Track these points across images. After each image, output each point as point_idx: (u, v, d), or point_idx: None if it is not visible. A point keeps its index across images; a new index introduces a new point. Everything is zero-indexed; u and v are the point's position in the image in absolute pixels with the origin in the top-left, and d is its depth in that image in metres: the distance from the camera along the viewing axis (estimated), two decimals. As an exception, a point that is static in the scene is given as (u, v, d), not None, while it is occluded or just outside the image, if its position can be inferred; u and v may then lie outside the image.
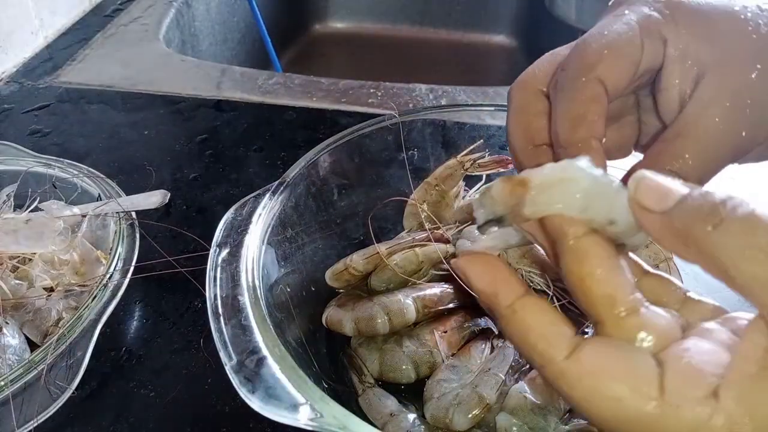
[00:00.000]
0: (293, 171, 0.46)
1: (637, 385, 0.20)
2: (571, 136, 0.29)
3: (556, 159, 0.29)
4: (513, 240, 0.26)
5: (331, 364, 0.46)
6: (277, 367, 0.32)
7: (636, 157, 0.37)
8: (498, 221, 0.24)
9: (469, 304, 0.48)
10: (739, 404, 0.19)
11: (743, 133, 0.28)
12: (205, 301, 0.36)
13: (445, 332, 0.45)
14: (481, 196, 0.25)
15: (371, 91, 0.78)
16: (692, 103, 0.29)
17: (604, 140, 0.29)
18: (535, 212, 0.23)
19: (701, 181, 0.28)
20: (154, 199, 0.54)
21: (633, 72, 0.29)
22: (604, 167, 0.28)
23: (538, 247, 0.26)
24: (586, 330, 0.42)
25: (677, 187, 0.21)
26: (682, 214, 0.21)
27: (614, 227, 0.23)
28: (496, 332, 0.46)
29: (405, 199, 0.54)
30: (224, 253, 0.39)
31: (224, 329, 0.34)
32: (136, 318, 0.51)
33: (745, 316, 0.22)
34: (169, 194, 0.55)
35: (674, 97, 0.30)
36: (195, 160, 0.68)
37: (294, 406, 0.30)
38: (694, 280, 0.43)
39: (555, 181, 0.23)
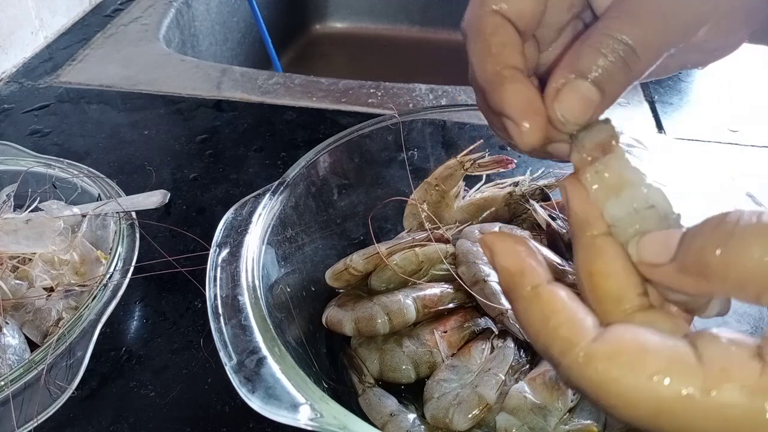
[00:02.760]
0: (293, 171, 0.46)
1: (674, 356, 0.19)
2: (483, 73, 0.26)
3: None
4: None
5: (331, 364, 0.46)
6: (277, 367, 0.32)
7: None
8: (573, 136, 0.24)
9: (469, 304, 0.48)
10: None
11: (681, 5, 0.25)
12: (205, 301, 0.36)
13: (445, 332, 0.45)
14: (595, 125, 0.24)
15: (371, 91, 0.78)
16: None
17: (524, 69, 0.26)
18: (589, 184, 0.23)
19: (647, 65, 0.25)
20: (154, 199, 0.54)
21: None
22: (530, 91, 0.25)
23: (540, 248, 0.26)
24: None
25: (673, 233, 0.21)
26: (689, 251, 0.20)
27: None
28: (496, 332, 0.46)
29: (405, 199, 0.54)
30: (224, 253, 0.39)
31: (224, 329, 0.34)
32: (136, 318, 0.51)
33: None
34: (169, 194, 0.55)
35: None
36: (195, 160, 0.68)
37: (294, 406, 0.30)
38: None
39: (627, 177, 0.22)
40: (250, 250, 0.39)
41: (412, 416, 0.41)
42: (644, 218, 0.22)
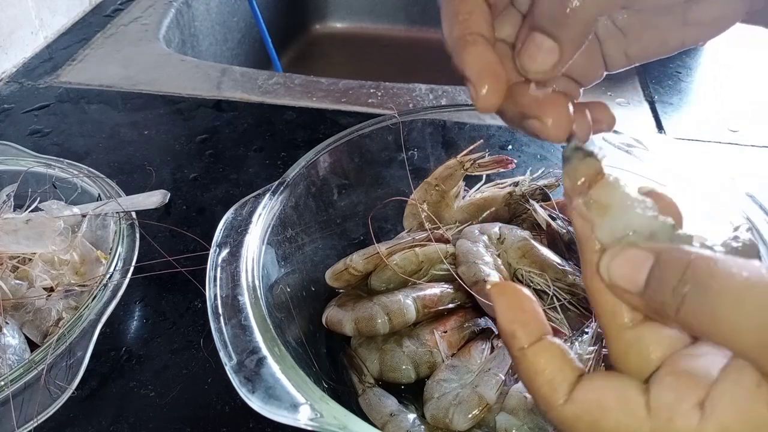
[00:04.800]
0: (293, 171, 0.46)
1: (628, 411, 0.21)
2: (449, 37, 0.28)
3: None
4: None
5: (331, 364, 0.46)
6: (277, 367, 0.32)
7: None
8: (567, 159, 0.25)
9: (469, 304, 0.48)
10: (728, 413, 0.19)
11: None
12: (205, 301, 0.36)
13: (445, 332, 0.45)
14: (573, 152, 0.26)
15: (371, 91, 0.78)
16: None
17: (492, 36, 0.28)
18: (582, 211, 0.24)
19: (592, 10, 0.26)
20: (154, 199, 0.54)
21: None
22: (489, 54, 0.27)
23: (539, 247, 0.26)
24: (586, 330, 0.42)
25: (643, 260, 0.22)
26: (652, 298, 0.21)
27: None
28: (496, 332, 0.46)
29: (405, 199, 0.54)
30: (224, 253, 0.39)
31: (224, 329, 0.34)
32: (136, 318, 0.51)
33: None
34: (169, 194, 0.55)
35: None
36: (195, 160, 0.68)
37: (294, 406, 0.30)
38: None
39: (613, 204, 0.24)
40: (250, 250, 0.39)
41: (412, 416, 0.41)
42: (631, 242, 0.23)
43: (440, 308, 0.47)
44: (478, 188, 0.56)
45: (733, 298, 0.19)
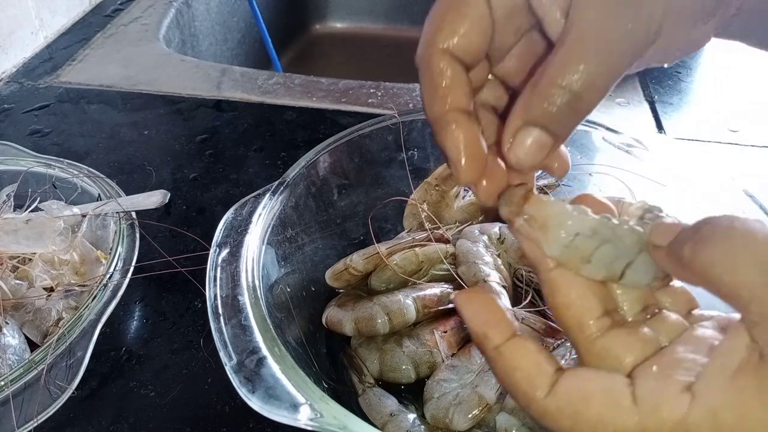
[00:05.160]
0: (293, 171, 0.46)
1: (612, 401, 0.21)
2: (430, 112, 0.28)
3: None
4: None
5: (331, 364, 0.46)
6: (277, 367, 0.32)
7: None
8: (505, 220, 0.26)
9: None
10: (717, 396, 0.20)
11: (629, 26, 0.25)
12: (205, 301, 0.36)
13: (445, 332, 0.45)
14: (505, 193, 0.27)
15: (371, 91, 0.78)
16: (572, 12, 0.26)
17: (472, 105, 0.28)
18: (525, 230, 0.25)
19: (605, 89, 0.26)
20: (154, 199, 0.54)
21: (482, 27, 0.27)
22: (478, 131, 0.27)
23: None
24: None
25: (679, 224, 0.23)
26: (675, 243, 0.22)
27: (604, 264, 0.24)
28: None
29: (405, 199, 0.54)
30: (224, 253, 0.39)
31: (224, 329, 0.34)
32: (136, 318, 0.51)
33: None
34: (169, 194, 0.55)
35: (556, 17, 0.27)
36: (195, 160, 0.68)
37: (294, 406, 0.30)
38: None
39: (548, 214, 0.25)
40: (250, 250, 0.39)
41: (412, 416, 0.41)
42: (578, 246, 0.24)
43: (440, 308, 0.47)
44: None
45: (741, 236, 0.20)
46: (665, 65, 0.29)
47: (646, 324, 0.24)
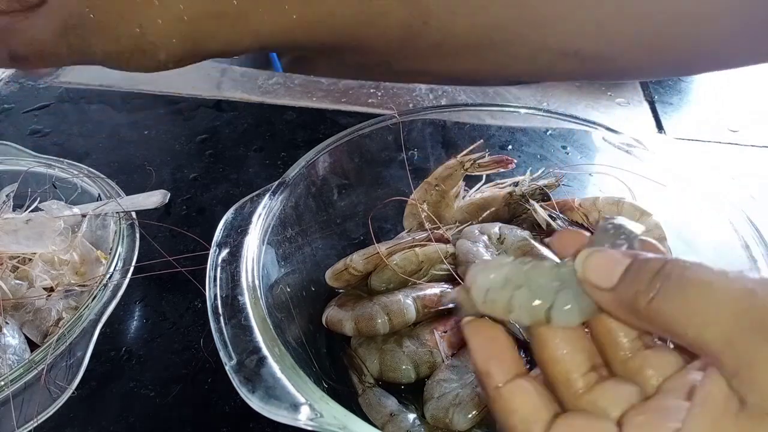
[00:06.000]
0: (293, 171, 0.46)
1: None
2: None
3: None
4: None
5: (331, 364, 0.46)
6: (277, 367, 0.32)
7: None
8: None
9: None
10: None
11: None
12: (205, 301, 0.36)
13: (445, 332, 0.45)
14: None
15: (371, 91, 0.78)
16: None
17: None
18: (488, 308, 0.26)
19: None
20: (154, 199, 0.54)
21: None
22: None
23: (539, 247, 0.27)
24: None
25: (620, 258, 0.22)
26: (625, 291, 0.22)
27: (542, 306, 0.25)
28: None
29: (405, 199, 0.54)
30: (224, 253, 0.39)
31: (224, 329, 0.34)
32: (136, 318, 0.51)
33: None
34: (169, 194, 0.55)
35: None
36: (195, 160, 0.68)
37: (294, 406, 0.30)
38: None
39: (468, 280, 0.26)
40: (250, 250, 0.39)
41: (412, 416, 0.41)
42: (494, 300, 0.25)
43: (440, 308, 0.47)
44: (478, 188, 0.56)
45: (704, 289, 0.20)
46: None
47: (632, 369, 0.24)
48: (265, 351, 0.33)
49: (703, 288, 0.20)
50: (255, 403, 0.30)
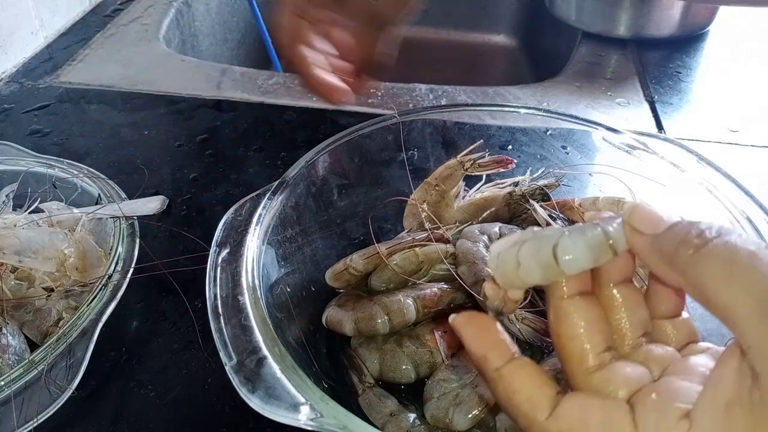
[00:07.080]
0: (293, 171, 0.46)
1: (612, 427, 0.22)
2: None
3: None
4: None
5: (331, 364, 0.46)
6: (277, 367, 0.32)
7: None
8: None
9: (469, 304, 0.48)
10: (713, 426, 0.20)
11: None
12: (205, 301, 0.36)
13: (445, 332, 0.45)
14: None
15: (371, 91, 0.78)
16: None
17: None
18: (499, 271, 0.26)
19: None
20: (152, 205, 0.54)
21: None
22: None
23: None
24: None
25: (668, 216, 0.23)
26: (669, 237, 0.22)
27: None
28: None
29: (405, 199, 0.54)
30: (224, 253, 0.39)
31: (224, 329, 0.34)
32: (136, 318, 0.51)
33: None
34: (167, 200, 0.55)
35: None
36: (195, 160, 0.68)
37: (294, 406, 0.30)
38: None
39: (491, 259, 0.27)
40: (250, 250, 0.39)
41: (412, 416, 0.41)
42: (505, 261, 0.26)
43: (440, 308, 0.47)
44: (478, 188, 0.56)
45: (751, 259, 0.20)
46: None
47: (641, 353, 0.25)
48: (265, 351, 0.33)
49: (750, 258, 0.20)
50: (255, 403, 0.30)
